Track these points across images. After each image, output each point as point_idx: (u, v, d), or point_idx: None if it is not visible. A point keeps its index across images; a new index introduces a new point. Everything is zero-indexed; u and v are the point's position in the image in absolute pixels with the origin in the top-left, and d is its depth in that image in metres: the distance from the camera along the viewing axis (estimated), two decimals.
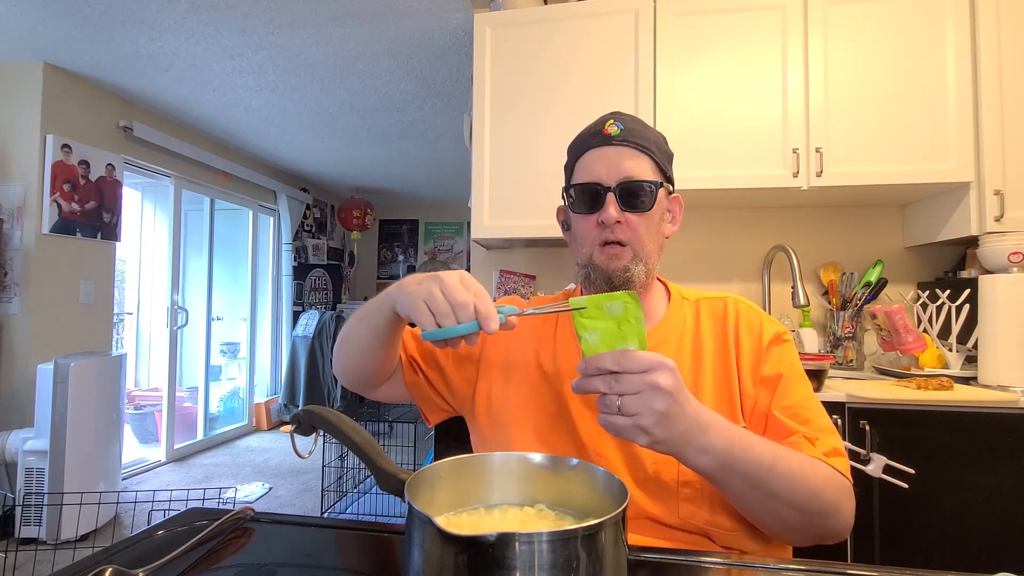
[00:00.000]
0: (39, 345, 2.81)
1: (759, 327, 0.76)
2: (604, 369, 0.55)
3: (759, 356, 0.74)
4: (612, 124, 0.77)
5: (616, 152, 0.76)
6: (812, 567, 0.54)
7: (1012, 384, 1.44)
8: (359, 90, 3.20)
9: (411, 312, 0.61)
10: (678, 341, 0.77)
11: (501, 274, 2.30)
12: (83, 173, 3.00)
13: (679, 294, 0.83)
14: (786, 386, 0.72)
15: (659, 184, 0.76)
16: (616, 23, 1.88)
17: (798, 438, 0.68)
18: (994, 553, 1.33)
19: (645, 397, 0.54)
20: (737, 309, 0.79)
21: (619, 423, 0.55)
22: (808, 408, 0.71)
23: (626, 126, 0.77)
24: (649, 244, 0.76)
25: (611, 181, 0.75)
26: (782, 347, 0.76)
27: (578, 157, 0.80)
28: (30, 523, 2.41)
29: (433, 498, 0.50)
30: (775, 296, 2.06)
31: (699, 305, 0.82)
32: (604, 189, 0.75)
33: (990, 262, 1.60)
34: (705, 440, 0.58)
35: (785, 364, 0.74)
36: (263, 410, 4.77)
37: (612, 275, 0.75)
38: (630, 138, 0.76)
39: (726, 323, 0.78)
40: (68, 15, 2.40)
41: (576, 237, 0.80)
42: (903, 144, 1.69)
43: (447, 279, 0.60)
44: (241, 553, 0.55)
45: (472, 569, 0.38)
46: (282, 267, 5.01)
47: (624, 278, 0.74)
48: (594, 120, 0.82)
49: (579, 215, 0.78)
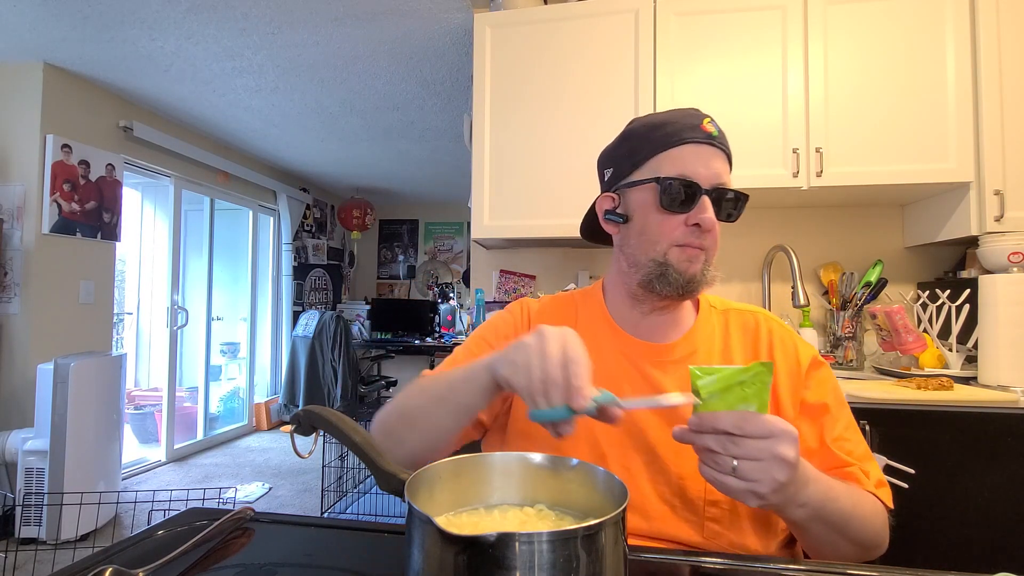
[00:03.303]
0: (39, 345, 2.81)
1: (794, 348, 0.76)
2: (720, 430, 0.52)
3: (798, 379, 0.73)
4: (710, 123, 0.73)
5: (713, 153, 0.72)
6: (812, 567, 0.54)
7: (1012, 384, 1.44)
8: (359, 90, 3.20)
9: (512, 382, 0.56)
10: (707, 351, 0.76)
11: (501, 274, 2.30)
12: (83, 173, 3.00)
13: (706, 302, 0.81)
14: (834, 417, 0.72)
15: (747, 196, 0.74)
16: (616, 23, 1.88)
17: (855, 471, 0.68)
18: (994, 553, 1.33)
19: (767, 466, 0.51)
20: (770, 327, 0.78)
21: (732, 485, 0.53)
22: (853, 437, 0.72)
23: (720, 129, 0.74)
24: (715, 254, 0.74)
25: (707, 183, 0.71)
26: (822, 372, 0.75)
27: (666, 148, 0.72)
28: (30, 523, 2.41)
29: (433, 498, 0.50)
30: (775, 296, 2.06)
31: (728, 316, 0.80)
32: (700, 190, 0.70)
33: (990, 262, 1.60)
34: (805, 495, 0.57)
35: (829, 392, 0.74)
36: (263, 410, 4.77)
37: (692, 279, 0.71)
38: (725, 144, 0.74)
39: (758, 339, 0.77)
40: (68, 15, 2.40)
41: (646, 232, 0.73)
42: (903, 144, 1.69)
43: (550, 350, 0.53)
44: (241, 553, 0.55)
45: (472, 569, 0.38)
46: (282, 267, 5.00)
47: (702, 282, 0.72)
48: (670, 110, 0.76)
49: (664, 211, 0.71)
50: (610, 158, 0.80)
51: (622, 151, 0.78)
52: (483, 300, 2.25)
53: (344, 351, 4.25)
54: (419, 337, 5.07)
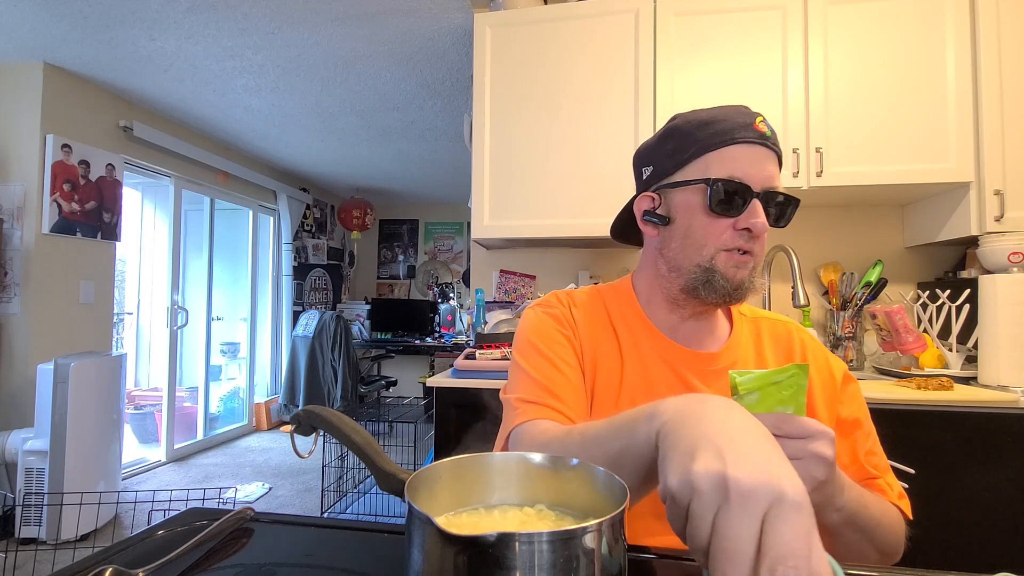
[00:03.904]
0: (39, 345, 2.81)
1: (826, 362, 0.76)
2: None
3: (834, 393, 0.74)
4: (762, 122, 0.69)
5: (766, 155, 0.68)
6: None
7: (1012, 384, 1.44)
8: (359, 90, 3.20)
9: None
10: (744, 361, 0.75)
11: (501, 274, 2.30)
12: (83, 173, 3.00)
13: (736, 310, 0.79)
14: (865, 432, 0.73)
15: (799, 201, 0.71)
16: (616, 23, 1.88)
17: (881, 483, 0.70)
18: (994, 553, 1.33)
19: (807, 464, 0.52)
20: (802, 338, 0.78)
21: None
22: (877, 450, 0.74)
23: (772, 130, 0.69)
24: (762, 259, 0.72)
25: (758, 186, 0.67)
26: (853, 387, 0.76)
27: (717, 147, 0.68)
28: (30, 523, 2.41)
29: (433, 498, 0.50)
30: (775, 296, 2.06)
31: (758, 324, 0.79)
32: (752, 193, 0.66)
33: (990, 262, 1.60)
34: (842, 500, 0.58)
35: (859, 406, 0.75)
36: (263, 410, 4.77)
37: (739, 285, 0.68)
38: (776, 145, 0.69)
39: (791, 351, 0.76)
40: (68, 15, 2.40)
41: (691, 235, 0.69)
42: (903, 144, 1.69)
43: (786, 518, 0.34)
44: (241, 553, 0.55)
45: (472, 569, 0.38)
46: (282, 267, 5.01)
47: (749, 289, 0.69)
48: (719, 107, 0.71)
49: (712, 214, 0.67)
50: (650, 156, 0.75)
51: (665, 149, 0.73)
52: (483, 300, 2.25)
53: (344, 351, 4.25)
54: (419, 337, 5.08)
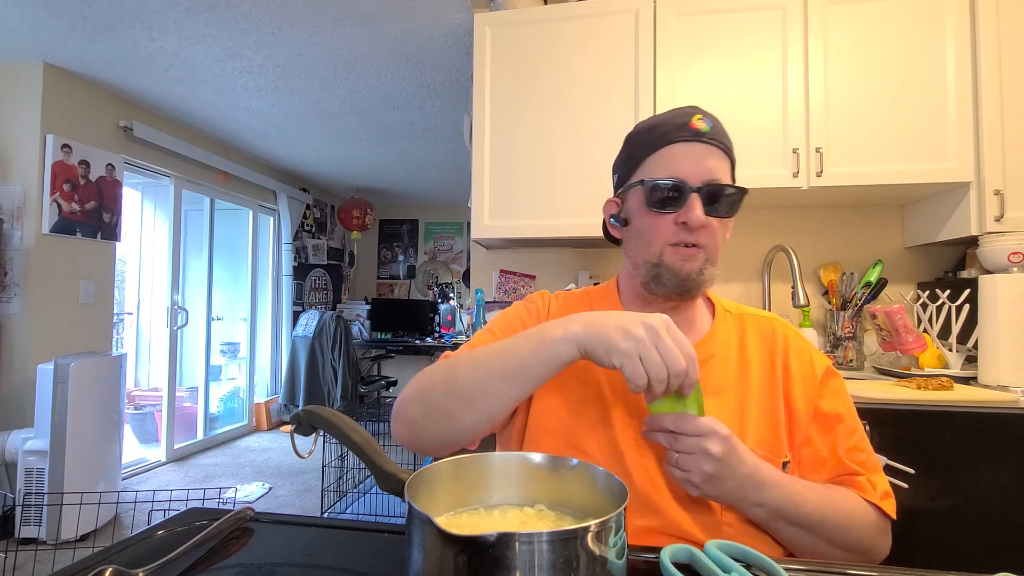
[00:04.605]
0: (39, 345, 2.81)
1: (809, 357, 0.76)
2: (664, 428, 0.62)
3: (813, 387, 0.74)
4: (700, 119, 0.72)
5: (704, 150, 0.72)
6: (812, 567, 0.54)
7: (1012, 384, 1.44)
8: (359, 90, 3.20)
9: (626, 369, 0.57)
10: (724, 357, 0.76)
11: (501, 274, 2.30)
12: (83, 173, 3.00)
13: (722, 307, 0.81)
14: (847, 428, 0.73)
15: (745, 191, 0.73)
16: (616, 23, 1.88)
17: (863, 480, 0.71)
18: (994, 553, 1.33)
19: (697, 459, 0.60)
20: (786, 334, 0.78)
21: (675, 475, 0.63)
22: (863, 447, 0.74)
23: (715, 125, 0.73)
24: (717, 252, 0.74)
25: (697, 181, 0.70)
26: (836, 382, 0.76)
27: (656, 149, 0.73)
28: (30, 523, 2.41)
29: (433, 498, 0.50)
30: (775, 296, 2.06)
31: (744, 321, 0.80)
32: (690, 189, 0.70)
33: (990, 262, 1.60)
34: (760, 496, 0.63)
35: (842, 403, 0.75)
36: (263, 410, 4.77)
37: (687, 278, 0.71)
38: (719, 139, 0.73)
39: (774, 346, 0.77)
40: (68, 15, 2.40)
41: (642, 234, 0.75)
42: (903, 144, 1.69)
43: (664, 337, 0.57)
44: (241, 553, 0.55)
45: (472, 569, 0.38)
46: (282, 267, 5.00)
47: (698, 281, 0.72)
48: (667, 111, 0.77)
49: (654, 212, 0.72)
50: (615, 164, 0.83)
51: (622, 156, 0.80)
52: (483, 300, 2.25)
53: (344, 351, 4.24)
54: (419, 337, 5.07)
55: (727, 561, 0.50)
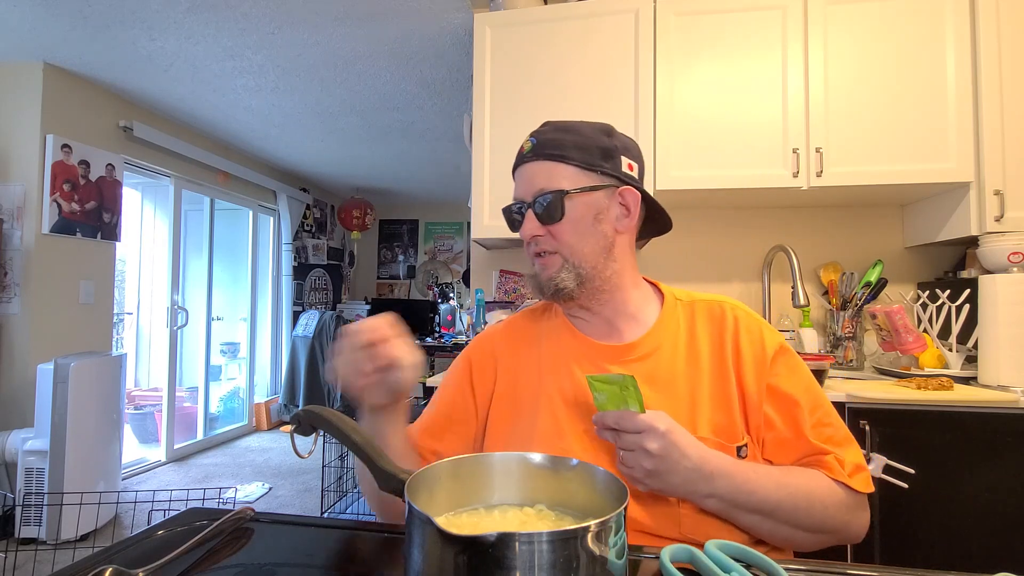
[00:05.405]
0: (39, 345, 2.81)
1: (760, 336, 0.75)
2: (608, 426, 0.64)
3: (763, 367, 0.73)
4: (527, 141, 0.79)
5: (530, 168, 0.78)
6: (812, 567, 0.54)
7: (1012, 384, 1.44)
8: (359, 90, 3.20)
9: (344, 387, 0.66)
10: (672, 346, 0.76)
11: (501, 274, 2.30)
12: (83, 173, 3.00)
13: (671, 295, 0.82)
14: (808, 405, 0.72)
15: (565, 192, 0.74)
16: (616, 23, 1.88)
17: (830, 459, 0.69)
18: (994, 553, 1.33)
19: (636, 455, 0.62)
20: (735, 315, 0.77)
21: (621, 471, 0.63)
22: (828, 421, 0.72)
23: (540, 139, 0.78)
24: (583, 248, 0.75)
25: (528, 197, 0.77)
26: (790, 359, 0.75)
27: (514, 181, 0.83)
28: (30, 523, 2.41)
29: (433, 498, 0.50)
30: (775, 296, 2.06)
31: (694, 307, 0.80)
32: (525, 205, 0.78)
33: (990, 262, 1.60)
34: (709, 487, 0.63)
35: (798, 380, 0.73)
36: (263, 410, 4.77)
37: (543, 285, 0.77)
38: (543, 150, 0.77)
39: (723, 328, 0.76)
40: (68, 15, 2.40)
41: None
42: (903, 144, 1.69)
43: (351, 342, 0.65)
44: (241, 553, 0.55)
45: (472, 569, 0.38)
46: (282, 267, 5.01)
47: (553, 287, 0.76)
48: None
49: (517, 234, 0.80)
50: None
51: None
52: (483, 300, 2.25)
53: None
54: (419, 337, 5.07)
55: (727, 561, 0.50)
